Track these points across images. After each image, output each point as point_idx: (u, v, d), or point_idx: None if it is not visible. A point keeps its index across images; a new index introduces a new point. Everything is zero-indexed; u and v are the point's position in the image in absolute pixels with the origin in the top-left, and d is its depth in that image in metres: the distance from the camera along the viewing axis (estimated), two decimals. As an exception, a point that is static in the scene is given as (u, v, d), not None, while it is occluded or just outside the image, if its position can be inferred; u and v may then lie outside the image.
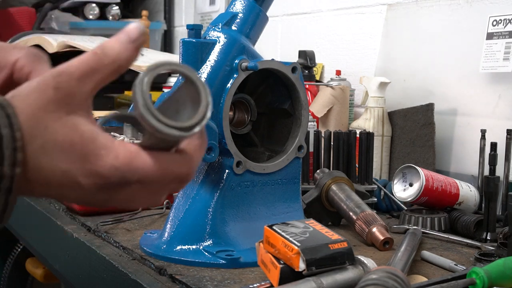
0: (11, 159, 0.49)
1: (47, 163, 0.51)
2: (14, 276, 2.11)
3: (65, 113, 0.51)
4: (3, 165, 0.49)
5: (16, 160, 0.50)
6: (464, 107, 1.46)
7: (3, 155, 0.49)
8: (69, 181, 0.52)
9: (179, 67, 0.54)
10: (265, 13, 1.03)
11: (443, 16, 1.52)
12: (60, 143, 0.51)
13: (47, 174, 0.51)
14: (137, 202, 0.56)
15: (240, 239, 0.96)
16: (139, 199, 0.56)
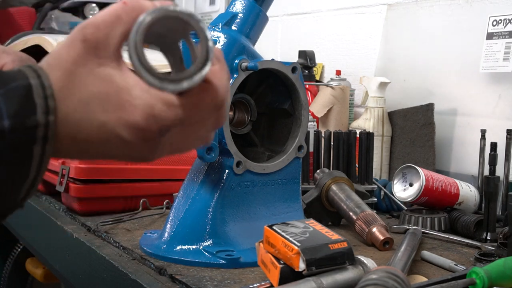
0: (43, 107, 0.50)
1: (85, 115, 0.51)
2: (14, 276, 2.11)
3: (97, 65, 0.52)
4: (36, 113, 0.49)
5: (48, 108, 0.50)
6: (464, 107, 1.46)
7: (35, 104, 0.49)
8: (110, 134, 0.52)
9: (172, 12, 0.51)
10: (265, 13, 1.03)
11: (443, 16, 1.52)
12: (97, 95, 0.51)
13: (86, 127, 0.51)
14: (185, 144, 0.56)
15: (240, 239, 0.96)
16: (186, 140, 0.56)
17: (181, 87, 0.51)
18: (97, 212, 1.21)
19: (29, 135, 0.49)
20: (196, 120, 0.55)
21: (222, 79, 0.55)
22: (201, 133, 0.57)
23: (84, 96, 0.51)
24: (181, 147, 0.57)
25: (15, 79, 0.50)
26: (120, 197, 1.25)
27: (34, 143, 0.50)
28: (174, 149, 0.56)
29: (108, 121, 0.51)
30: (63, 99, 0.51)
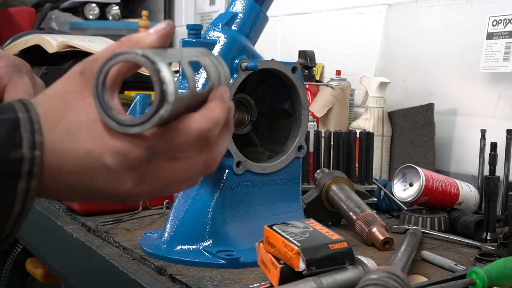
0: (30, 141, 0.49)
1: (71, 144, 0.51)
2: (14, 276, 2.11)
3: (90, 94, 0.52)
4: (22, 147, 0.49)
5: (35, 143, 0.50)
6: (464, 107, 1.46)
7: (22, 137, 0.49)
8: (95, 162, 0.51)
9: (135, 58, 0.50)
10: (265, 13, 1.03)
11: (443, 16, 1.52)
12: (84, 122, 0.51)
13: (72, 157, 0.51)
14: (171, 181, 0.54)
15: (240, 239, 0.96)
16: (173, 178, 0.54)
17: (134, 131, 0.50)
18: (97, 212, 1.21)
19: (13, 169, 0.49)
20: (183, 155, 0.53)
21: (212, 119, 0.53)
22: (189, 173, 0.55)
23: (72, 124, 0.51)
24: (168, 185, 0.55)
25: (3, 112, 0.50)
26: (120, 197, 1.25)
27: (19, 177, 0.49)
28: (160, 186, 0.54)
29: (94, 148, 0.51)
30: (51, 128, 0.51)
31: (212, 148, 0.55)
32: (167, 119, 0.51)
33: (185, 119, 0.52)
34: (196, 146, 0.53)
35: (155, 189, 0.54)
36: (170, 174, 0.54)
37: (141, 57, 0.50)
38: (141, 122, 0.50)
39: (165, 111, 0.49)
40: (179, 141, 0.52)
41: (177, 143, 0.52)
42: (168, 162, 0.53)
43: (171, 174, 0.54)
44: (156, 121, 0.50)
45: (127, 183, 0.52)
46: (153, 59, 0.50)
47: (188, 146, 0.53)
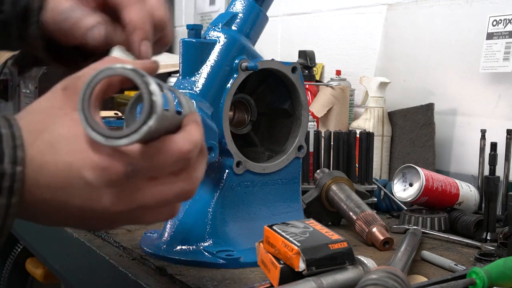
0: (11, 156, 0.49)
1: (51, 157, 0.51)
2: (14, 276, 2.11)
3: (72, 109, 0.52)
4: (3, 162, 0.49)
5: (16, 158, 0.49)
6: (464, 107, 1.46)
7: (3, 153, 0.49)
8: (73, 176, 0.50)
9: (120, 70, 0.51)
10: (265, 13, 1.03)
11: (443, 16, 1.52)
12: (66, 136, 0.51)
13: (51, 170, 0.51)
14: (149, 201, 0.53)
15: (240, 239, 0.96)
16: (151, 196, 0.53)
17: (122, 144, 0.50)
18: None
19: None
20: (162, 177, 0.53)
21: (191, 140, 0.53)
22: (167, 196, 0.54)
23: (53, 137, 0.51)
24: (145, 208, 0.53)
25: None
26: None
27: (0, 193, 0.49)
28: (137, 207, 0.53)
29: (73, 162, 0.50)
30: (32, 141, 0.51)
31: (190, 172, 0.55)
32: (153, 133, 0.51)
33: (166, 139, 0.52)
34: (175, 167, 0.53)
35: (131, 211, 0.53)
36: (148, 195, 0.53)
37: (130, 71, 0.50)
38: (128, 134, 0.50)
39: (154, 121, 0.49)
40: (159, 160, 0.52)
41: (157, 162, 0.52)
42: (146, 182, 0.53)
43: (148, 195, 0.53)
44: (144, 132, 0.49)
45: (104, 200, 0.51)
46: (142, 73, 0.50)
47: (167, 166, 0.53)
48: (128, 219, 0.55)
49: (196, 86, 0.95)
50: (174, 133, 0.54)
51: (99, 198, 0.51)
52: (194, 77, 0.96)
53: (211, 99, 0.95)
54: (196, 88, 0.95)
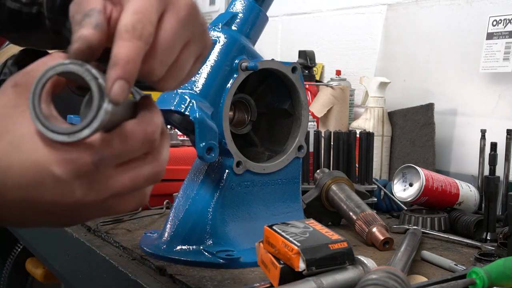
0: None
1: (17, 157, 0.50)
2: (14, 276, 2.11)
3: (27, 107, 0.51)
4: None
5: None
6: (464, 107, 1.46)
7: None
8: (42, 172, 0.50)
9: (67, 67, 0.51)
10: (265, 13, 1.03)
11: (443, 16, 1.52)
12: (28, 134, 0.51)
13: (18, 170, 0.50)
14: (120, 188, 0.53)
15: (240, 239, 0.96)
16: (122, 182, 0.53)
17: (84, 135, 0.50)
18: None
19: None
20: (130, 162, 0.53)
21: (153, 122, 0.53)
22: (137, 181, 0.54)
23: (15, 137, 0.51)
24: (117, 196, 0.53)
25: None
26: (120, 197, 1.25)
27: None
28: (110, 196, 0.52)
29: (39, 159, 0.50)
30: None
31: (156, 155, 0.55)
32: (112, 118, 0.51)
33: (128, 124, 0.52)
34: (140, 151, 0.53)
35: (104, 200, 0.53)
36: (118, 182, 0.53)
37: (70, 64, 0.50)
38: (88, 124, 0.50)
39: (107, 103, 0.50)
40: (125, 146, 0.52)
41: (123, 147, 0.52)
42: (115, 169, 0.52)
43: (119, 182, 0.53)
44: (102, 116, 0.49)
45: (76, 192, 0.51)
46: (80, 63, 0.50)
47: (133, 151, 0.52)
48: (101, 210, 0.54)
49: (196, 86, 0.95)
50: (132, 118, 0.54)
51: (71, 192, 0.51)
52: (194, 77, 0.96)
53: (211, 99, 0.95)
54: (196, 88, 0.95)
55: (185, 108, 0.92)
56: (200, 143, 0.90)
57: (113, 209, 0.55)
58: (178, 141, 1.37)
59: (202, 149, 0.90)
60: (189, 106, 0.91)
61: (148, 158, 0.54)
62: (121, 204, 0.55)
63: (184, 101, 0.92)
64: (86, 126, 0.50)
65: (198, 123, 0.90)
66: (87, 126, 0.50)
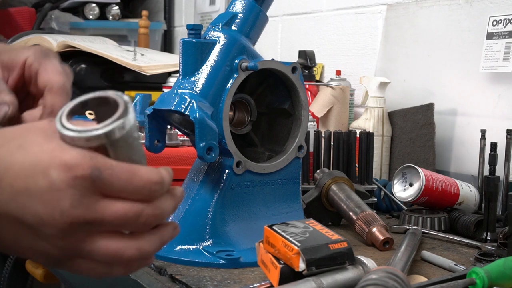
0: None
1: (19, 158, 0.51)
2: (14, 276, 2.11)
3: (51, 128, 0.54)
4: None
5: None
6: (464, 107, 1.46)
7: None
8: (38, 175, 0.50)
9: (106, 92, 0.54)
10: (265, 13, 1.03)
11: (443, 16, 1.52)
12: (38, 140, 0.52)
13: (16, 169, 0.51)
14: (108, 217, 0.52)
15: (240, 239, 0.96)
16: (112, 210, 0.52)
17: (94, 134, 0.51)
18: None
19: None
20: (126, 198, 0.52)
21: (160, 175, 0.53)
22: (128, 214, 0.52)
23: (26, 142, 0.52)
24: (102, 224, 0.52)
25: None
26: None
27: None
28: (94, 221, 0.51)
29: (40, 161, 0.50)
30: (2, 144, 0.52)
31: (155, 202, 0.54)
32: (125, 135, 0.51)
33: (136, 166, 0.52)
34: (139, 193, 0.52)
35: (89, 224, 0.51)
36: (109, 209, 0.51)
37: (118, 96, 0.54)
38: (102, 126, 0.51)
39: (128, 119, 0.51)
40: (126, 178, 0.51)
41: (124, 178, 0.51)
42: (108, 198, 0.52)
43: (110, 210, 0.51)
44: (119, 124, 0.50)
45: (64, 201, 0.50)
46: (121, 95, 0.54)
47: (132, 190, 0.52)
48: (83, 237, 0.53)
49: (196, 86, 0.95)
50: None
51: (60, 200, 0.50)
52: (194, 77, 0.96)
53: (211, 99, 0.95)
54: (196, 88, 0.95)
55: (185, 108, 0.92)
56: (200, 143, 0.90)
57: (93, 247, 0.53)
58: (178, 141, 1.37)
59: (202, 149, 0.90)
60: (189, 106, 0.91)
61: (146, 203, 0.53)
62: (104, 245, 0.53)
63: (184, 101, 0.92)
64: (99, 128, 0.50)
65: (198, 123, 0.90)
66: (100, 128, 0.50)
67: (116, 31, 2.59)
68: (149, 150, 0.99)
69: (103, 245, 0.53)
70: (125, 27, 2.63)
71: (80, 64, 1.98)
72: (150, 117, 0.98)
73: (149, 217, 0.53)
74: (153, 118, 0.98)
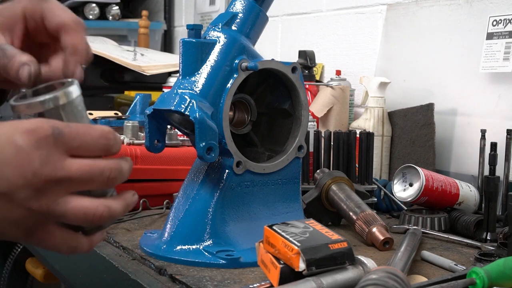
0: None
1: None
2: (14, 276, 2.11)
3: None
4: None
5: None
6: (464, 107, 1.46)
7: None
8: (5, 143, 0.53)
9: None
10: (265, 13, 1.03)
11: (443, 16, 1.52)
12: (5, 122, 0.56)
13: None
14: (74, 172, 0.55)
15: (240, 239, 0.96)
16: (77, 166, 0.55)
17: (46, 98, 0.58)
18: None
19: None
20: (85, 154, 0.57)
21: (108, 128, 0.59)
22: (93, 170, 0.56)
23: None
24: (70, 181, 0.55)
25: None
26: (120, 197, 1.25)
27: None
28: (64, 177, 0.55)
29: (5, 132, 0.54)
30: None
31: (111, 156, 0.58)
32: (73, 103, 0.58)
33: (87, 124, 0.58)
34: (98, 145, 0.57)
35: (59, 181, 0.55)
36: (74, 165, 0.55)
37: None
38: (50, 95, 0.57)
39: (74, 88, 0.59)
40: (83, 132, 0.56)
41: (81, 132, 0.56)
42: (71, 155, 0.56)
43: (75, 165, 0.55)
44: (66, 90, 0.58)
45: (34, 162, 0.53)
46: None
47: (91, 141, 0.56)
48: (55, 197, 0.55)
49: (196, 86, 0.95)
50: None
51: (30, 162, 0.54)
52: (194, 77, 0.96)
53: (211, 99, 0.95)
54: (196, 88, 0.95)
55: (185, 108, 0.92)
56: (200, 143, 0.90)
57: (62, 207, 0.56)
58: (178, 141, 1.37)
59: (202, 149, 0.90)
60: (189, 106, 0.91)
61: (105, 158, 0.58)
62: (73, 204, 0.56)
63: (184, 101, 0.92)
64: (51, 93, 0.57)
65: (198, 123, 0.90)
66: (52, 93, 0.57)
67: (116, 31, 2.60)
68: (149, 150, 0.99)
69: (75, 204, 0.56)
70: (125, 27, 2.63)
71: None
72: (150, 117, 0.98)
73: (112, 171, 0.57)
74: (153, 118, 0.98)
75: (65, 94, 0.58)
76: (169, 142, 1.30)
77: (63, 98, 0.58)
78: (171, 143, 1.33)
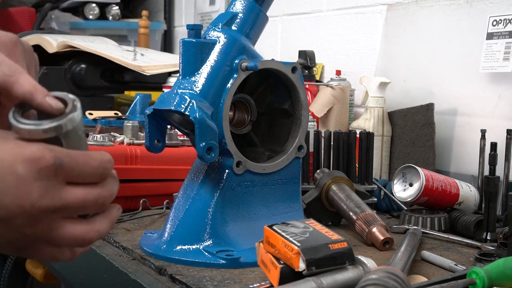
0: None
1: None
2: (14, 276, 2.11)
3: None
4: None
5: None
6: (464, 107, 1.46)
7: None
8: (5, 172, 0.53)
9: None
10: (265, 13, 1.03)
11: (443, 16, 1.52)
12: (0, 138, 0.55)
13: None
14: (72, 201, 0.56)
15: (240, 239, 0.96)
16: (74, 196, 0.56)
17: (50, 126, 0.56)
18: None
19: None
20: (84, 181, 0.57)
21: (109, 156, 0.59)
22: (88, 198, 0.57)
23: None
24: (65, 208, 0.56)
25: None
26: (120, 197, 1.24)
27: None
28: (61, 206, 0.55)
29: (5, 157, 0.53)
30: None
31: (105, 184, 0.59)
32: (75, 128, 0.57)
33: (87, 151, 0.58)
34: (95, 173, 0.57)
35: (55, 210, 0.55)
36: (72, 195, 0.56)
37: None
38: (54, 120, 0.56)
39: (77, 114, 0.57)
40: (83, 161, 0.56)
41: (81, 162, 0.56)
42: (68, 183, 0.56)
43: (72, 195, 0.56)
44: (70, 117, 0.56)
45: (33, 193, 0.54)
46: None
47: (90, 171, 0.57)
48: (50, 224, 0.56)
49: (196, 86, 0.95)
50: None
51: (29, 193, 0.53)
52: (194, 77, 0.96)
53: (211, 99, 0.95)
54: (196, 88, 0.95)
55: (185, 108, 0.92)
56: (200, 143, 0.90)
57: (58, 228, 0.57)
58: (178, 141, 1.37)
59: (202, 149, 0.90)
60: (189, 106, 0.91)
61: (100, 184, 0.59)
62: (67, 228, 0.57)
63: (184, 101, 0.92)
64: (55, 120, 0.56)
65: (198, 123, 0.90)
66: (56, 120, 0.56)
67: (116, 31, 2.60)
68: (149, 150, 0.99)
69: (68, 230, 0.57)
70: (125, 27, 2.63)
71: (80, 64, 1.98)
72: (150, 117, 0.98)
73: (105, 198, 0.58)
74: (153, 118, 0.98)
75: (69, 122, 0.57)
76: (169, 142, 1.30)
77: (66, 126, 0.57)
78: (171, 143, 1.33)
